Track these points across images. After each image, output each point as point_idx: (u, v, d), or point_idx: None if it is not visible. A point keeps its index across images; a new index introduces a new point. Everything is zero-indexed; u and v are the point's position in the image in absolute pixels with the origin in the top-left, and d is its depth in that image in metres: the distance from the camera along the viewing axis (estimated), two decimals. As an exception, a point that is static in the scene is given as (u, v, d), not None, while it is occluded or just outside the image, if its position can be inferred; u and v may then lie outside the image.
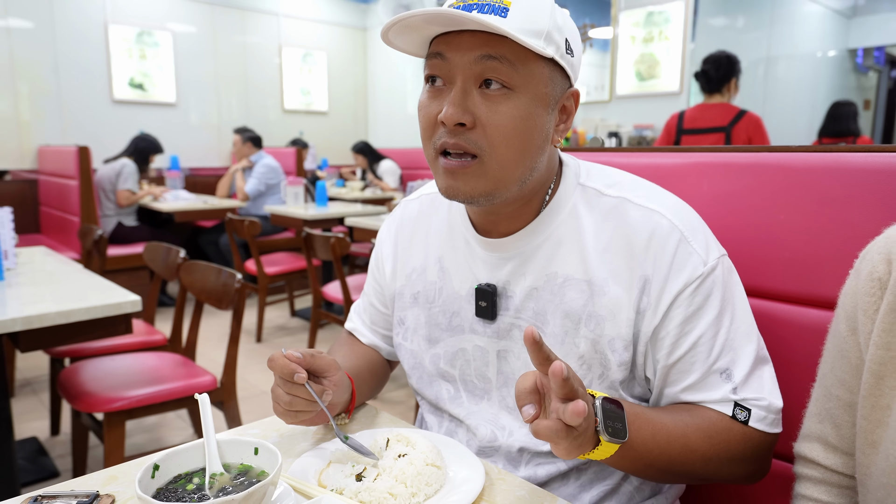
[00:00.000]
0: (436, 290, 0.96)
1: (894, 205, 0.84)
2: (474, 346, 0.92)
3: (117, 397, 1.80)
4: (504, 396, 0.90)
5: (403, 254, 1.01)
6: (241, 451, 0.73)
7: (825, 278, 0.89)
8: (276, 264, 4.04)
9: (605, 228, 0.83)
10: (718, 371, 0.79)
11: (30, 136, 5.00)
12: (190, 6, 5.80)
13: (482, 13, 0.72)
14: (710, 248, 0.81)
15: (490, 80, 0.75)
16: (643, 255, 0.80)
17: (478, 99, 0.76)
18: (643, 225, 0.81)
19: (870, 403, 0.65)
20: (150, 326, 2.51)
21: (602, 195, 0.85)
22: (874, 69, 7.48)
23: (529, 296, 0.86)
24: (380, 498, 0.71)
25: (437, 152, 0.79)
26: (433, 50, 0.78)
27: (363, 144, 5.80)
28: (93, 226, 2.86)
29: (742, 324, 0.81)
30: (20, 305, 1.55)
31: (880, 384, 0.64)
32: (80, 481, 0.79)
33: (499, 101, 0.75)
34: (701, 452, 0.76)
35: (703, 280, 0.78)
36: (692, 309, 0.79)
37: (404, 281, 1.00)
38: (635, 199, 0.83)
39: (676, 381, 0.81)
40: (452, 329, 0.94)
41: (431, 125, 0.79)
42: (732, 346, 0.79)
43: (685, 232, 0.80)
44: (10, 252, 1.96)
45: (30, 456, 2.38)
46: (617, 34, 4.90)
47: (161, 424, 2.76)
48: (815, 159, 0.92)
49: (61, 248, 4.21)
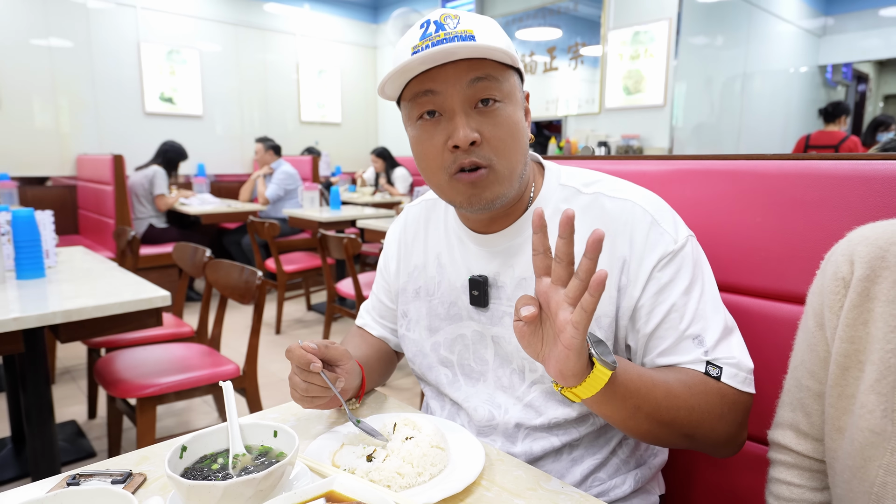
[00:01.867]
0: (435, 284, 0.97)
1: (859, 208, 0.84)
2: (472, 331, 0.93)
3: (149, 384, 1.81)
4: (499, 377, 0.91)
5: (406, 253, 1.03)
6: (262, 433, 0.74)
7: (796, 276, 0.89)
8: (294, 263, 4.04)
9: (585, 220, 0.84)
10: (691, 337, 0.79)
11: (69, 145, 5.02)
12: (215, 27, 5.81)
13: (460, 41, 0.74)
14: (679, 228, 0.83)
15: (486, 99, 0.78)
16: (620, 238, 0.82)
17: (477, 118, 0.78)
18: (618, 213, 0.83)
19: (836, 393, 0.65)
20: (179, 319, 2.52)
21: (580, 193, 0.87)
22: (842, 84, 7.46)
23: (519, 285, 0.87)
24: (388, 477, 0.71)
25: (452, 174, 0.80)
26: (419, 89, 0.79)
27: (382, 149, 5.80)
28: (126, 227, 2.87)
29: (711, 297, 0.81)
30: (60, 300, 1.55)
31: (845, 375, 0.64)
32: (114, 461, 0.79)
33: (495, 116, 0.79)
34: (683, 399, 0.75)
35: (674, 255, 0.80)
36: (664, 280, 0.80)
37: (407, 278, 1.02)
38: (609, 193, 0.86)
39: (653, 348, 0.81)
40: (451, 318, 0.95)
41: (438, 154, 0.80)
42: (703, 315, 0.80)
43: (655, 216, 0.82)
44: (51, 251, 1.96)
45: (69, 438, 2.39)
46: (606, 52, 4.89)
47: (188, 409, 2.77)
48: (787, 166, 0.92)
49: (98, 247, 4.22)
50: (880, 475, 0.58)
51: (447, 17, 0.77)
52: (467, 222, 0.93)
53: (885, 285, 0.61)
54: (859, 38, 6.35)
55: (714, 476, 1.01)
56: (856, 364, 0.63)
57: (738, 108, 5.39)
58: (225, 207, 4.64)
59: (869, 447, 0.59)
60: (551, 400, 0.86)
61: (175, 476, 0.61)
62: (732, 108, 5.32)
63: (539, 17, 5.43)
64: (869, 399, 0.60)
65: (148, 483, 0.74)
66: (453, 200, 0.83)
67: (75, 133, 5.03)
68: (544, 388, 0.87)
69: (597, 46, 4.97)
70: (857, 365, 0.62)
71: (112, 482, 0.73)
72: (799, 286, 0.88)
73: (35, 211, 1.82)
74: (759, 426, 0.92)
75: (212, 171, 5.83)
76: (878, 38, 6.19)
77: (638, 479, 0.90)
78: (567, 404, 0.86)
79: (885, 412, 0.59)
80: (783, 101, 6.26)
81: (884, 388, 0.59)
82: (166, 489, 0.72)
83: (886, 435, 0.58)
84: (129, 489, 0.71)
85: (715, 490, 1.01)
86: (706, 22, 4.80)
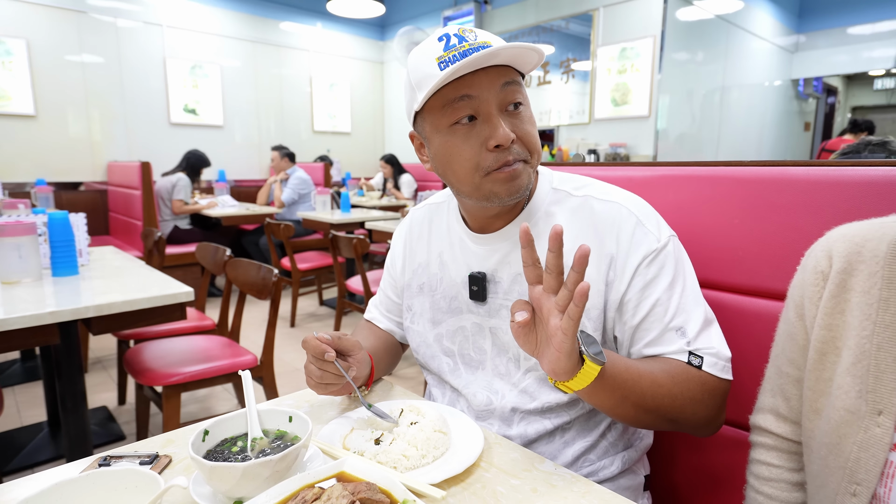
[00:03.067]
0: (437, 280, 0.97)
1: (828, 211, 0.84)
2: (472, 323, 0.93)
3: (174, 373, 1.81)
4: (496, 365, 0.91)
5: (411, 252, 1.03)
6: (278, 419, 0.74)
7: (770, 273, 0.89)
8: (307, 261, 4.04)
9: (575, 221, 0.85)
10: (674, 329, 0.79)
11: (101, 153, 5.02)
12: (235, 44, 5.80)
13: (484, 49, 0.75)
14: (662, 228, 0.83)
15: (516, 103, 0.80)
16: (607, 237, 0.82)
17: (510, 119, 0.80)
18: (606, 214, 0.84)
19: (814, 377, 0.65)
20: (201, 313, 2.52)
21: (571, 196, 0.88)
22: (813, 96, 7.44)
23: (515, 280, 0.87)
24: (395, 459, 0.71)
25: (490, 171, 0.79)
26: (454, 95, 0.77)
27: (391, 156, 5.78)
28: (153, 229, 2.87)
29: (692, 292, 0.82)
30: (92, 296, 1.55)
31: (823, 360, 0.64)
32: (142, 444, 0.79)
33: (522, 117, 0.81)
34: (667, 388, 0.75)
35: (657, 254, 0.81)
36: (649, 277, 0.80)
37: (411, 274, 1.02)
38: (598, 196, 0.86)
39: (639, 339, 0.81)
40: (452, 311, 0.95)
41: (475, 154, 0.79)
42: (685, 309, 0.80)
43: (640, 217, 0.83)
44: (84, 251, 1.97)
45: (101, 422, 2.40)
46: (595, 67, 4.88)
47: (210, 396, 2.78)
48: (763, 172, 0.92)
49: (127, 247, 4.22)
50: (854, 451, 0.59)
51: (465, 31, 0.78)
52: (469, 223, 0.93)
53: (860, 278, 0.62)
54: (829, 54, 6.34)
55: (695, 458, 1.01)
56: (833, 350, 0.63)
57: (717, 118, 5.38)
58: (244, 210, 4.64)
59: (844, 425, 0.60)
60: (544, 386, 0.87)
61: (198, 458, 0.61)
62: (712, 118, 5.31)
63: (533, 35, 5.42)
64: (845, 381, 0.61)
65: (173, 464, 0.74)
66: (491, 194, 0.81)
67: (106, 142, 5.03)
68: (538, 375, 0.87)
69: (587, 61, 4.96)
70: (835, 350, 0.63)
71: (140, 463, 0.73)
72: (772, 283, 0.88)
73: (69, 213, 1.82)
74: (736, 411, 0.92)
75: (231, 176, 5.82)
76: (846, 54, 6.18)
77: (625, 461, 0.90)
78: (559, 390, 0.86)
79: (859, 393, 0.59)
80: (759, 112, 6.25)
81: (859, 370, 0.60)
82: (190, 470, 0.72)
83: (860, 414, 0.59)
84: (156, 469, 0.71)
85: (696, 470, 1.01)
86: (688, 39, 4.79)
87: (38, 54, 4.58)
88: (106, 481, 0.58)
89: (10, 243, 1.65)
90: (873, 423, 0.58)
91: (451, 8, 5.98)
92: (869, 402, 0.58)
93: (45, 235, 1.84)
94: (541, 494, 0.67)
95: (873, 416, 0.58)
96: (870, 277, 0.61)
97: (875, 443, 0.57)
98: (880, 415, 0.58)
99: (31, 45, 4.53)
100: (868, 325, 0.60)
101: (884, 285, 0.59)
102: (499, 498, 0.66)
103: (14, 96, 4.50)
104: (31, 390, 2.78)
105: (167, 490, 0.55)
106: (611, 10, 4.74)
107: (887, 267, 0.59)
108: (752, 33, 5.68)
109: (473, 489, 0.68)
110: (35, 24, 4.55)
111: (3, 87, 4.44)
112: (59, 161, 4.79)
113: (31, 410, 2.53)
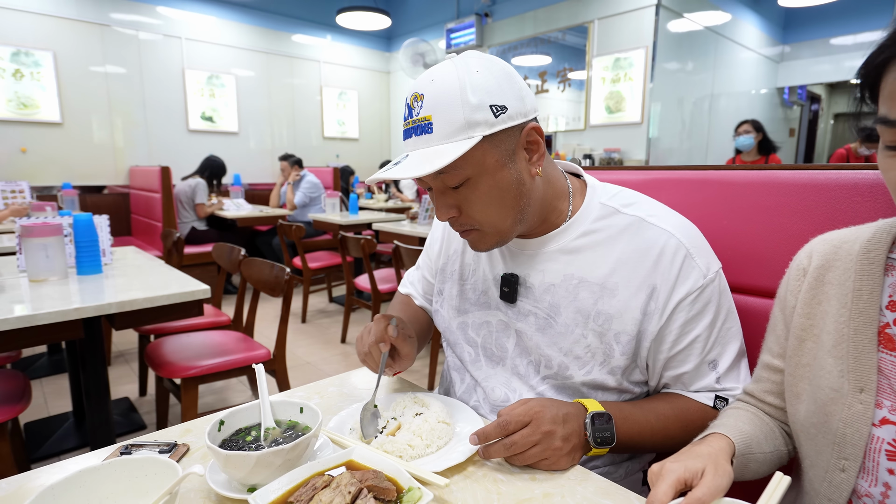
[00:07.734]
0: (470, 271, 0.94)
1: (812, 212, 0.83)
2: (498, 320, 0.89)
3: (192, 366, 1.81)
4: (516, 365, 0.88)
5: (448, 238, 1.00)
6: (290, 410, 0.74)
7: (757, 272, 0.88)
8: (318, 260, 4.04)
9: (621, 241, 0.79)
10: (708, 362, 0.78)
11: (123, 158, 5.03)
12: (250, 55, 5.81)
13: (416, 135, 0.71)
14: (710, 263, 0.78)
15: (456, 186, 0.74)
16: (653, 267, 0.77)
17: (453, 196, 0.76)
18: (655, 242, 0.78)
19: (794, 363, 0.67)
20: (218, 310, 2.52)
21: (619, 213, 0.82)
22: (798, 104, 7.41)
23: (547, 290, 0.83)
24: (400, 448, 0.71)
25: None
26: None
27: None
28: (172, 230, 2.87)
29: (732, 325, 0.80)
30: (115, 293, 1.56)
31: (801, 346, 0.66)
32: (162, 433, 0.79)
33: (466, 193, 0.75)
34: (679, 440, 0.75)
35: (702, 290, 0.76)
36: (693, 313, 0.77)
37: (446, 259, 0.99)
38: (649, 219, 0.80)
39: (671, 367, 0.80)
40: (481, 304, 0.92)
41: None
42: (722, 343, 0.79)
43: (691, 249, 0.77)
44: (107, 251, 1.97)
45: (123, 412, 2.41)
46: (590, 76, 4.87)
47: (226, 388, 2.78)
48: (751, 176, 0.91)
49: (147, 247, 4.23)
50: (840, 427, 0.60)
51: (415, 100, 0.71)
52: None
53: (836, 273, 0.65)
54: (812, 64, 6.31)
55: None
56: (811, 336, 0.66)
57: (706, 124, 5.36)
58: (257, 212, 4.65)
59: (829, 403, 0.61)
60: (560, 395, 0.84)
61: (214, 447, 0.61)
62: (701, 124, 5.29)
63: (532, 46, 5.41)
64: (827, 362, 0.63)
65: (191, 453, 0.74)
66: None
67: (128, 147, 5.05)
68: (555, 384, 0.84)
69: (582, 71, 4.95)
70: (813, 337, 0.65)
71: (160, 451, 0.73)
72: (759, 281, 0.88)
73: (93, 215, 1.82)
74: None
75: (246, 180, 5.83)
76: (829, 63, 6.15)
77: (629, 470, 0.89)
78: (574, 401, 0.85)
79: (841, 372, 0.61)
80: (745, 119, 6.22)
81: (840, 352, 0.62)
82: (206, 458, 0.72)
83: (843, 392, 0.61)
84: (175, 458, 0.71)
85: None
86: (678, 50, 4.77)
87: (65, 65, 4.59)
88: (127, 469, 0.58)
89: (38, 244, 1.65)
90: (856, 401, 0.60)
91: (454, 21, 5.98)
92: (850, 381, 0.60)
93: (71, 236, 1.85)
94: (539, 482, 0.67)
95: (855, 394, 0.60)
96: (844, 272, 0.64)
97: (858, 418, 0.59)
98: (862, 392, 0.60)
99: (59, 57, 4.55)
100: (844, 312, 0.63)
101: (856, 277, 0.63)
102: (499, 485, 0.66)
103: (42, 105, 4.52)
104: (58, 382, 2.79)
105: (185, 477, 0.55)
106: (605, 23, 4.73)
107: (859, 262, 0.64)
108: (740, 44, 5.66)
109: (475, 477, 0.68)
110: (62, 37, 4.57)
111: (32, 97, 4.46)
112: (84, 166, 4.81)
113: (58, 401, 2.54)
